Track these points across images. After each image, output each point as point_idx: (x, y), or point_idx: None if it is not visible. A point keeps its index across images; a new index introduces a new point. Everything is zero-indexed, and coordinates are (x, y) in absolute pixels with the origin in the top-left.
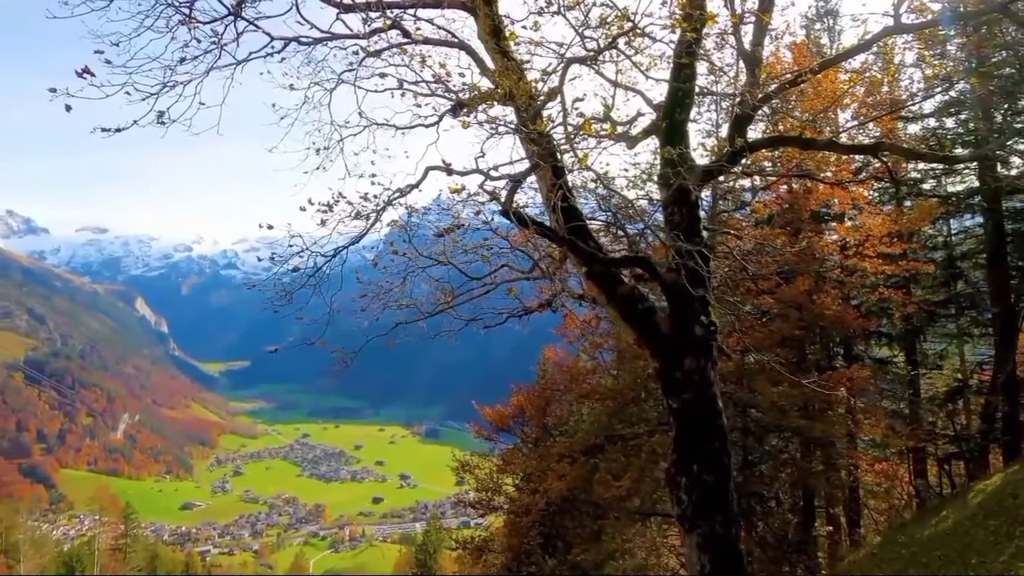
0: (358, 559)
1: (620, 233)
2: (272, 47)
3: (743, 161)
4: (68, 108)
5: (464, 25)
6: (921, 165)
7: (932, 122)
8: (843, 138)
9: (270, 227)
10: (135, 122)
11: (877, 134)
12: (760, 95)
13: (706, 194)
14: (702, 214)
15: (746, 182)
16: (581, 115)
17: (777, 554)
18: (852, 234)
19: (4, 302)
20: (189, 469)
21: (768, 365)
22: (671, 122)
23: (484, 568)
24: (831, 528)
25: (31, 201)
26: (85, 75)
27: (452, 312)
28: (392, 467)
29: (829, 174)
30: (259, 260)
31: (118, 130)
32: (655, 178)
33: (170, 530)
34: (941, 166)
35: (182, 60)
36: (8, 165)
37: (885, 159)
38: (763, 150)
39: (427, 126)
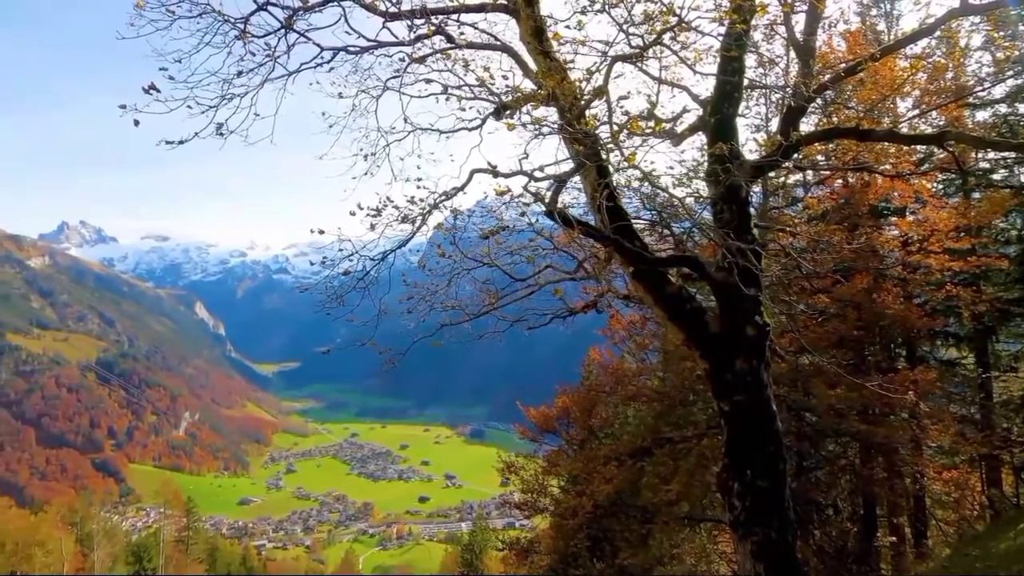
0: (405, 557)
1: (666, 232)
2: (322, 57)
3: (795, 155)
4: (136, 123)
5: (506, 28)
6: (991, 154)
7: (1003, 108)
8: (904, 128)
9: (321, 232)
10: (196, 134)
11: (941, 123)
12: (814, 86)
13: (756, 190)
14: (752, 211)
15: (798, 177)
16: (626, 113)
17: (836, 564)
18: (915, 229)
19: (79, 307)
20: (245, 466)
21: (824, 367)
22: (719, 117)
23: (530, 569)
24: (894, 539)
25: (101, 212)
26: (151, 91)
27: (496, 313)
28: (438, 467)
29: (888, 166)
30: (311, 264)
31: (181, 142)
32: (702, 175)
33: (228, 524)
34: (1013, 155)
35: (239, 73)
36: (81, 179)
37: (951, 149)
38: (816, 143)
39: (470, 129)
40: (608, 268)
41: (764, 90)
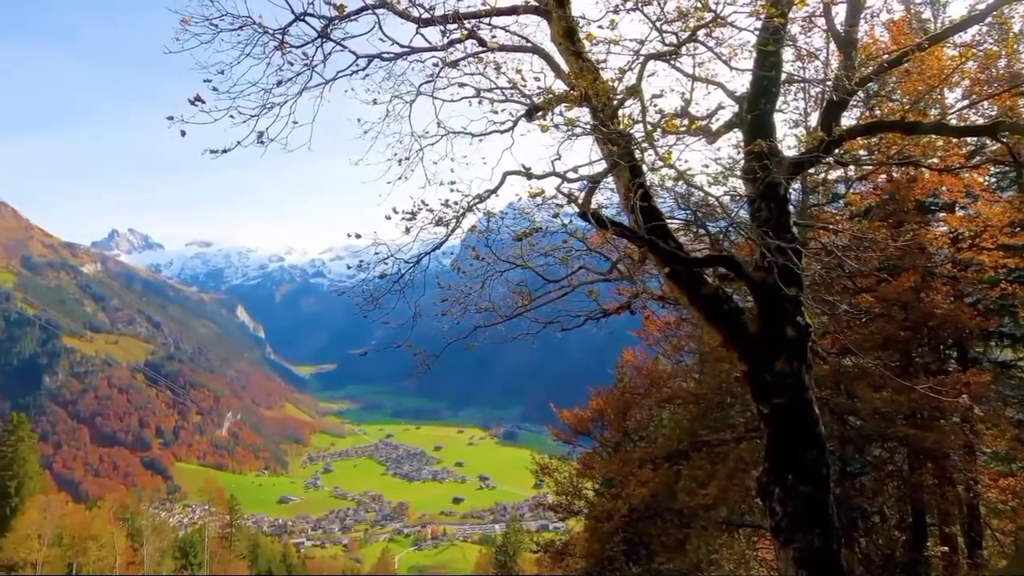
0: (440, 557)
1: (701, 231)
2: (357, 65)
3: (836, 150)
4: (183, 133)
5: (537, 29)
6: None
7: None
8: (952, 120)
9: (358, 236)
10: (239, 143)
11: (994, 113)
12: (856, 79)
13: (795, 187)
14: (791, 208)
15: (839, 173)
16: (660, 112)
17: (883, 573)
18: (966, 225)
19: (128, 310)
20: (285, 465)
21: (870, 369)
22: (756, 113)
23: (565, 572)
24: (946, 548)
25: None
26: (196, 103)
27: (529, 315)
28: (471, 468)
29: (936, 160)
30: (348, 268)
31: (225, 151)
32: (738, 173)
33: (269, 522)
34: None
35: (279, 83)
36: (131, 188)
37: (1005, 140)
38: (859, 138)
39: (502, 132)
40: (642, 269)
41: (803, 84)
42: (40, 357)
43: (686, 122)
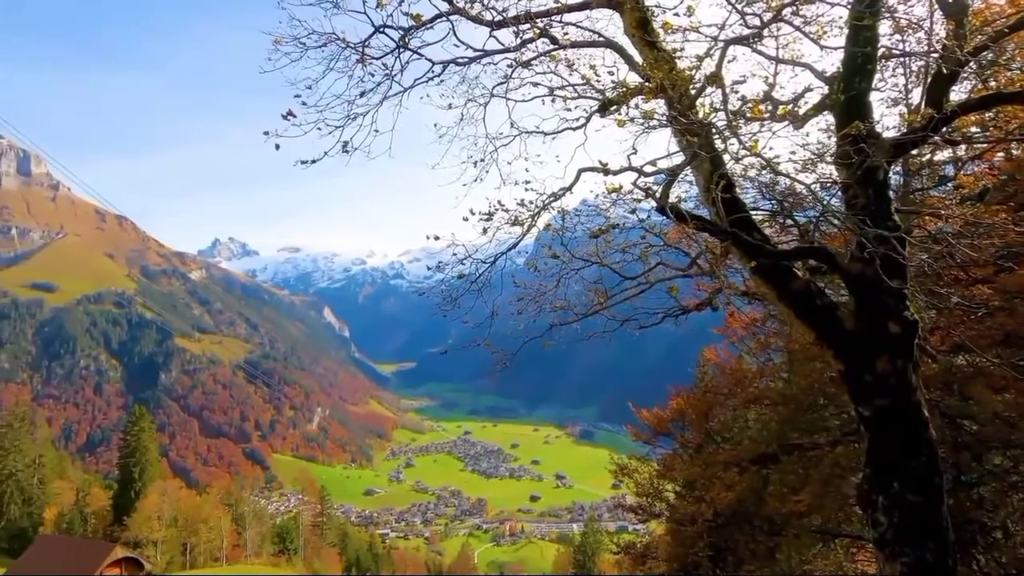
0: (518, 554)
1: (788, 222)
2: (433, 71)
3: (944, 128)
4: (277, 147)
5: (609, 23)
6: None
7: None
8: None
9: (436, 238)
10: (326, 153)
11: None
12: (968, 48)
13: (894, 172)
14: (891, 194)
15: (947, 153)
16: (742, 99)
17: None
18: None
19: (229, 313)
20: (369, 459)
21: (987, 368)
22: (850, 93)
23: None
24: None
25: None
26: (288, 117)
27: (605, 313)
28: (547, 466)
29: None
30: (428, 269)
31: (314, 161)
32: (828, 159)
33: (356, 512)
34: None
35: (361, 93)
36: (230, 200)
37: None
38: (971, 114)
39: (575, 129)
40: (724, 263)
41: (903, 59)
42: (157, 356)
43: (770, 107)
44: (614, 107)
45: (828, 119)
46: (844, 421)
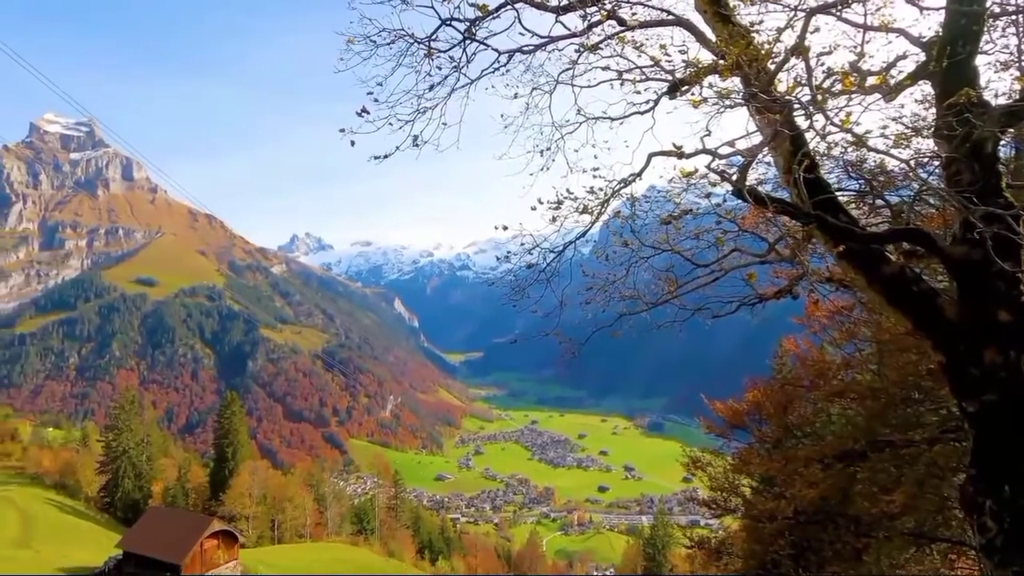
0: (587, 544)
1: (878, 203)
2: (499, 61)
3: None
4: (352, 143)
5: (678, 0)
6: None
7: None
8: None
9: (504, 228)
10: (397, 147)
11: None
12: None
13: (1004, 144)
14: (1001, 169)
15: None
16: (828, 71)
17: None
18: None
19: (308, 305)
20: (440, 445)
21: None
22: (953, 58)
23: (722, 570)
24: None
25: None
26: (363, 114)
27: (675, 302)
28: (615, 457)
29: None
30: (497, 259)
31: (386, 156)
32: (925, 132)
33: (427, 496)
34: None
35: (430, 87)
36: (305, 196)
37: None
38: None
39: (642, 113)
40: (806, 248)
41: (1014, 15)
42: (244, 345)
43: (860, 79)
44: (685, 88)
45: (925, 88)
46: (943, 417)
